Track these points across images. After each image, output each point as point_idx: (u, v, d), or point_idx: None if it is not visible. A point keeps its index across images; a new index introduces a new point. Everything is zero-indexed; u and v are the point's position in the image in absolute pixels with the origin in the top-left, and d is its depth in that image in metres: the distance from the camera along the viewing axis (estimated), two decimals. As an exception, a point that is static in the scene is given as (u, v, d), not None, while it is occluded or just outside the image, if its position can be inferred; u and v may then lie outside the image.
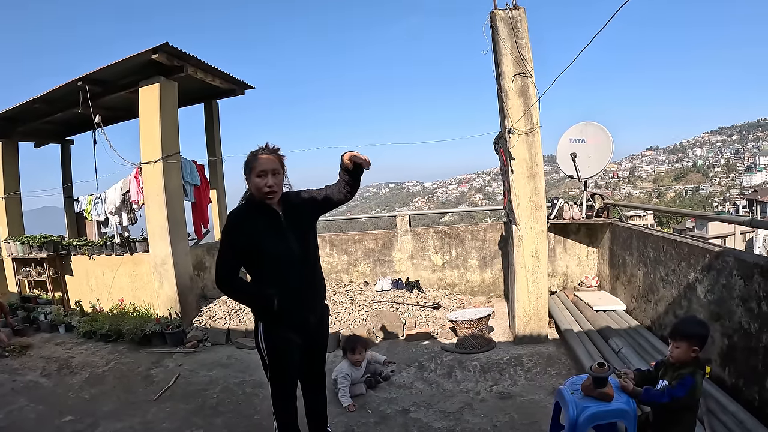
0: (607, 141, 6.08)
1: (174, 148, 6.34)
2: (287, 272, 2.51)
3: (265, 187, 2.44)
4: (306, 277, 2.60)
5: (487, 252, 7.23)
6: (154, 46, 5.61)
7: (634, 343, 4.36)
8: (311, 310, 2.68)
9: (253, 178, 2.46)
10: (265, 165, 2.45)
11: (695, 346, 2.32)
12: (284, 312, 2.51)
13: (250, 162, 2.49)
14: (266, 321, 2.60)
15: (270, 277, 2.51)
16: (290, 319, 2.57)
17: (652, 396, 2.36)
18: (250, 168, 2.48)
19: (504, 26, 4.81)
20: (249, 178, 2.50)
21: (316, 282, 2.70)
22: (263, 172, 2.44)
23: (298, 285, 2.55)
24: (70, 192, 9.09)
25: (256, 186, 2.46)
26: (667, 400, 2.31)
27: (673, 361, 2.40)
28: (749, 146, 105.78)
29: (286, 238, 2.51)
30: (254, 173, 2.45)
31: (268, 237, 2.48)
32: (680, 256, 4.16)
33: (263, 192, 2.46)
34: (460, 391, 4.09)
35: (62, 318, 6.87)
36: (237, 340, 5.74)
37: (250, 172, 2.48)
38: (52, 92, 6.56)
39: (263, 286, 2.52)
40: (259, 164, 2.45)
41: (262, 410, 3.96)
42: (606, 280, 6.24)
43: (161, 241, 6.27)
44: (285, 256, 2.50)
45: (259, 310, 2.62)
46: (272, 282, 2.50)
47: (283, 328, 2.58)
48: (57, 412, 4.19)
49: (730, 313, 3.32)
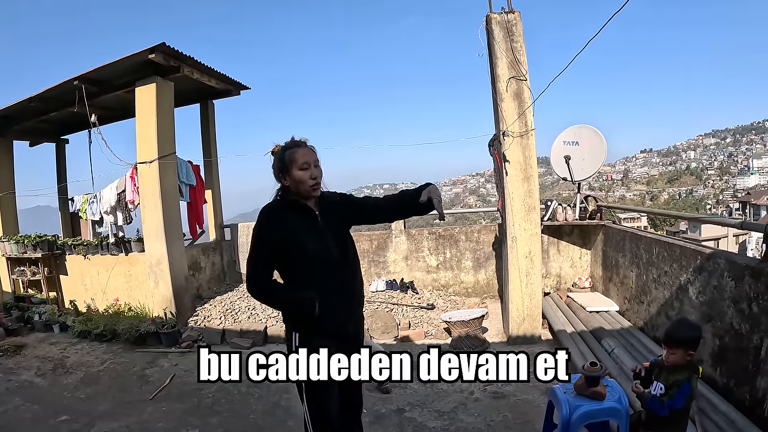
0: (600, 143, 6.14)
1: (170, 148, 6.35)
2: (325, 274, 2.29)
3: (310, 180, 2.25)
4: (345, 280, 2.37)
5: (481, 253, 7.27)
6: (150, 46, 5.62)
7: (626, 343, 4.41)
8: (349, 318, 2.41)
9: (295, 171, 2.24)
10: (308, 156, 2.26)
11: (691, 350, 2.34)
12: (323, 318, 2.26)
13: (288, 156, 2.26)
14: (303, 330, 2.31)
15: (306, 280, 2.28)
16: (329, 326, 2.29)
17: (655, 408, 2.35)
18: (289, 161, 2.25)
19: (499, 30, 4.85)
20: (287, 174, 2.27)
21: (355, 287, 2.46)
22: (306, 164, 2.25)
23: (337, 288, 2.31)
24: (64, 191, 9.05)
25: (300, 179, 2.25)
26: (666, 413, 2.32)
27: (668, 364, 2.40)
28: (743, 149, 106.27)
29: (323, 237, 2.30)
30: (296, 166, 2.24)
31: (306, 234, 2.27)
32: (672, 258, 4.21)
33: (308, 185, 2.26)
34: (455, 391, 4.11)
35: (57, 318, 6.85)
36: (232, 341, 5.74)
37: (289, 166, 2.25)
38: (48, 91, 6.55)
39: (301, 289, 2.28)
40: (301, 156, 2.25)
41: (257, 410, 3.98)
42: (599, 282, 6.29)
43: (156, 241, 6.27)
44: (323, 256, 2.28)
45: (296, 316, 2.34)
46: (308, 285, 2.27)
47: (321, 338, 2.28)
48: (52, 411, 4.19)
49: (721, 314, 3.37)
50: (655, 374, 2.48)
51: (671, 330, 2.42)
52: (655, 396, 2.37)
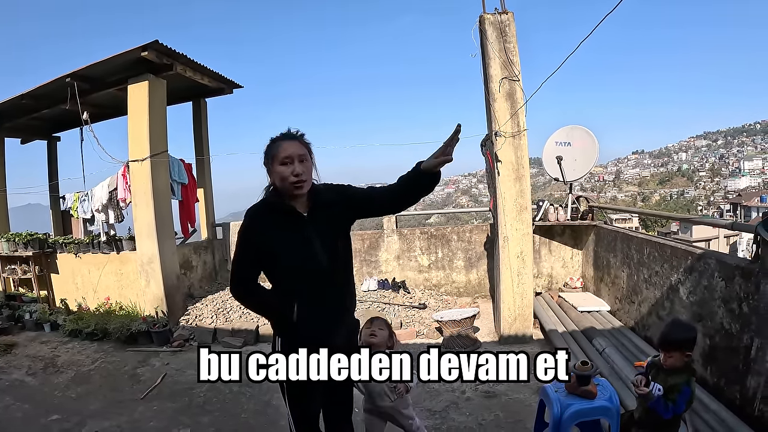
0: (592, 144, 6.18)
1: (162, 146, 6.32)
2: (308, 285, 2.11)
3: (291, 176, 2.02)
4: (332, 292, 2.18)
5: (473, 253, 7.29)
6: (143, 44, 5.60)
7: (617, 343, 4.44)
8: (336, 331, 2.22)
9: (276, 166, 2.03)
10: (290, 150, 2.03)
11: (688, 351, 2.34)
12: (305, 329, 2.12)
13: (271, 149, 2.07)
14: (285, 336, 2.19)
15: (288, 289, 2.12)
16: (311, 337, 2.14)
17: (659, 409, 2.34)
18: (271, 156, 2.05)
19: (492, 30, 4.87)
20: (271, 169, 2.08)
21: (345, 297, 2.27)
22: (288, 158, 2.01)
23: (320, 300, 2.14)
24: (56, 189, 8.99)
25: (280, 175, 2.03)
26: (670, 417, 2.33)
27: (666, 367, 2.38)
28: (734, 151, 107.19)
29: (310, 244, 2.10)
30: (277, 161, 2.03)
31: (287, 242, 2.08)
32: (663, 258, 4.24)
33: (289, 182, 2.03)
34: (446, 390, 4.12)
35: (48, 316, 6.80)
36: (223, 340, 5.72)
37: (272, 161, 2.05)
38: (40, 88, 6.52)
39: (283, 296, 2.13)
40: (283, 149, 2.03)
41: (248, 409, 3.98)
42: (590, 282, 6.33)
43: (148, 240, 6.24)
44: (307, 265, 2.09)
45: (276, 321, 2.22)
46: (290, 295, 2.11)
47: (303, 345, 2.13)
48: (43, 410, 4.16)
49: (711, 314, 3.40)
50: (653, 375, 2.45)
51: (666, 333, 2.40)
52: (660, 397, 2.33)
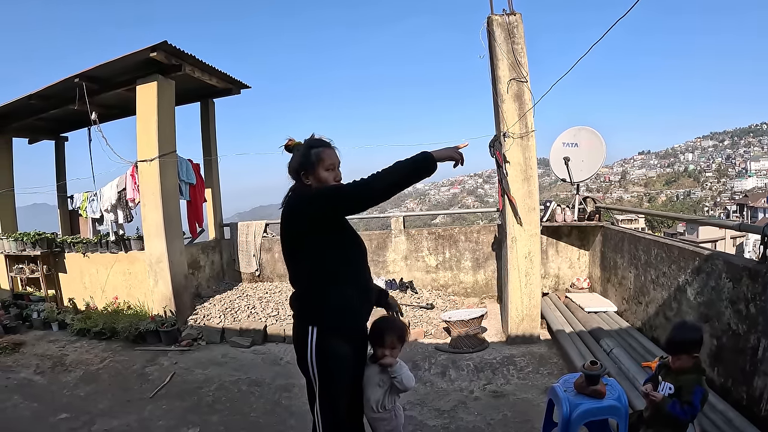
0: (599, 145, 6.17)
1: (170, 146, 6.36)
2: (364, 266, 2.33)
3: (334, 182, 2.23)
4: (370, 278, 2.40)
5: (480, 253, 7.29)
6: (152, 45, 5.63)
7: (624, 344, 4.43)
8: (367, 318, 2.38)
9: (321, 171, 2.20)
10: (334, 158, 2.25)
11: (695, 352, 2.36)
12: (353, 315, 2.24)
13: (316, 154, 2.21)
14: (323, 326, 2.15)
15: (352, 265, 2.26)
16: (355, 323, 2.27)
17: (676, 412, 2.33)
18: (317, 159, 2.20)
19: (500, 31, 4.87)
20: (312, 172, 2.22)
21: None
22: (333, 165, 2.23)
23: (367, 283, 2.35)
24: (64, 189, 9.04)
25: (324, 180, 2.20)
26: (687, 417, 2.33)
27: (675, 369, 2.41)
28: (740, 152, 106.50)
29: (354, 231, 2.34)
30: (323, 166, 2.20)
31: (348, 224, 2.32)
32: (671, 259, 4.23)
33: None
34: (454, 390, 4.14)
35: (55, 315, 6.84)
36: (231, 339, 5.75)
37: (316, 165, 2.21)
38: (48, 88, 6.56)
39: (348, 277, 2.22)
40: (329, 156, 2.22)
41: (258, 408, 3.99)
42: (597, 282, 6.32)
43: (156, 240, 6.27)
44: (363, 248, 2.33)
45: (420, 174, 2.05)
46: (353, 271, 2.26)
47: (342, 337, 2.18)
48: (52, 409, 4.18)
49: (719, 314, 3.40)
50: (662, 374, 2.48)
51: (672, 336, 2.43)
52: (676, 401, 2.34)
